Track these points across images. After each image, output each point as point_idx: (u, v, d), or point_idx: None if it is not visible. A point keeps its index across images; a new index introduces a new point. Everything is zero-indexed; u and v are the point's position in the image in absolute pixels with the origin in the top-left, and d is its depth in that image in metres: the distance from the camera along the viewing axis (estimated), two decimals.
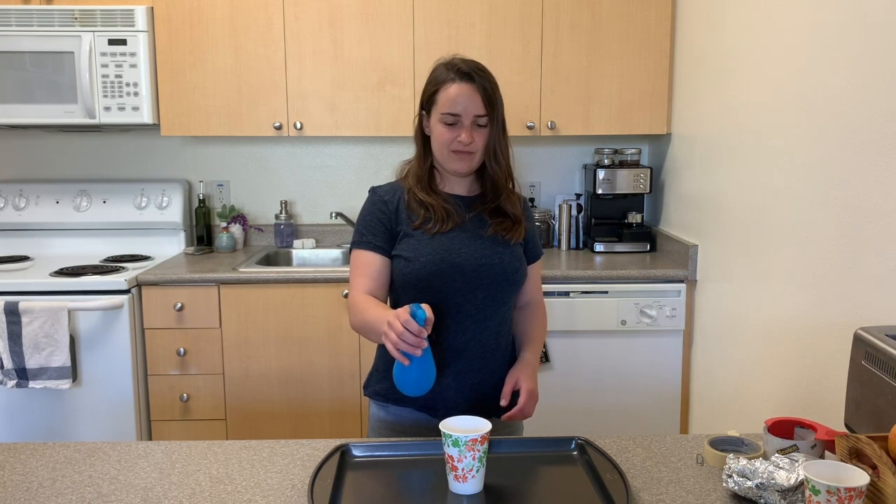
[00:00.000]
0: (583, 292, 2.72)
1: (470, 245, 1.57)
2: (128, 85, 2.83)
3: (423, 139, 1.63)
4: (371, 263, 1.57)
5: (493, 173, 1.61)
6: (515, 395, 1.59)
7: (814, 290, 1.82)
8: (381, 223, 1.59)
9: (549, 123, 2.96)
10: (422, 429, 1.59)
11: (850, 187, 1.66)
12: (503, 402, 1.57)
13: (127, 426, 2.69)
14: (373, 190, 1.65)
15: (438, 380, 1.55)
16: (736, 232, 2.31)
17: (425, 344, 1.31)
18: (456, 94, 1.52)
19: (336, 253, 3.22)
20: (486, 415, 1.59)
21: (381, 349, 1.67)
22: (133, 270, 2.78)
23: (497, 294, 1.58)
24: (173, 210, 3.18)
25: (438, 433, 1.17)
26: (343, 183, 3.35)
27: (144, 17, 2.81)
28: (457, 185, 1.64)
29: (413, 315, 1.30)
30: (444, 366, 1.56)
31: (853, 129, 1.64)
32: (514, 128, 2.97)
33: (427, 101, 1.59)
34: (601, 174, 3.05)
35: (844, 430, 1.25)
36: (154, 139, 3.30)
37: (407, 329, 1.29)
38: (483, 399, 1.59)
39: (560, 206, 3.20)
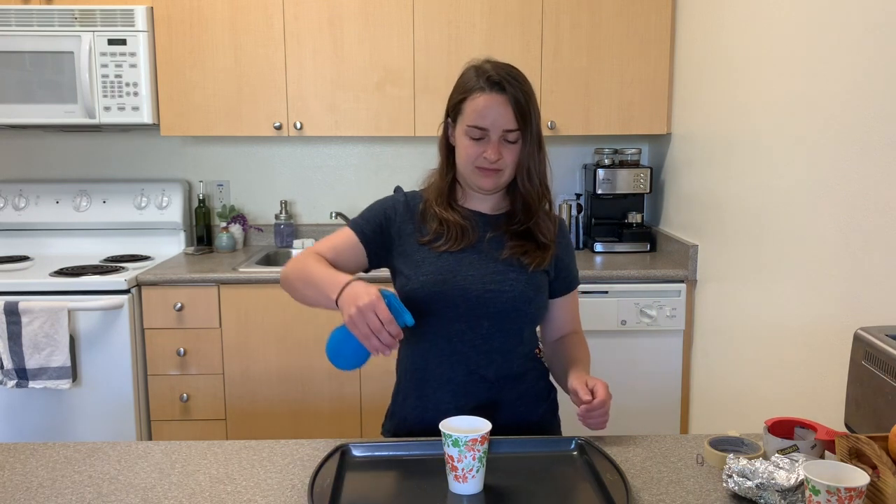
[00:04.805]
0: (583, 292, 2.71)
1: (479, 268, 1.42)
2: (128, 85, 2.83)
3: (447, 150, 1.48)
4: (347, 240, 1.47)
5: (526, 193, 1.45)
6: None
7: (814, 290, 1.82)
8: (382, 218, 1.48)
9: (549, 123, 2.96)
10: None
11: (850, 187, 1.66)
12: (586, 398, 1.32)
13: (127, 426, 2.69)
14: (398, 189, 1.56)
15: (443, 416, 1.41)
16: (736, 232, 2.31)
17: (397, 346, 1.27)
18: (484, 106, 1.37)
19: None
20: None
21: (395, 390, 1.54)
22: (133, 270, 2.77)
23: (506, 325, 1.43)
24: (173, 210, 3.18)
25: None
26: (343, 183, 3.35)
27: (144, 17, 2.81)
28: (480, 201, 1.49)
29: (391, 308, 1.25)
30: (447, 402, 1.43)
31: (853, 128, 1.64)
32: None
33: (453, 110, 1.44)
34: (601, 174, 3.05)
35: (844, 430, 1.25)
36: (154, 139, 3.30)
37: (385, 329, 1.23)
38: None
39: (560, 206, 3.20)
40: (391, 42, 2.91)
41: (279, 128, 2.94)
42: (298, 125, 2.94)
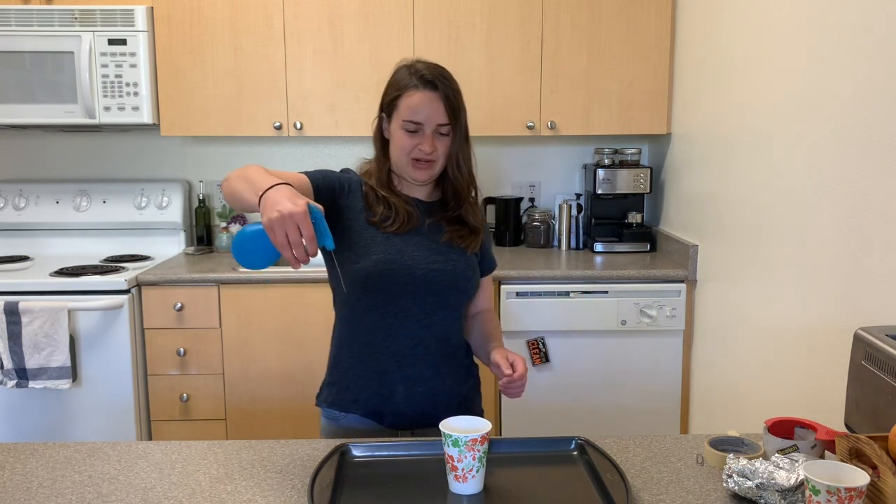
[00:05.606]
0: (583, 292, 2.71)
1: (424, 249, 1.54)
2: (128, 85, 2.83)
3: (381, 142, 1.59)
4: (299, 179, 1.47)
5: (455, 182, 1.58)
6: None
7: (814, 290, 1.82)
8: (337, 184, 1.54)
9: (549, 123, 2.96)
10: (374, 433, 1.55)
11: (850, 187, 1.66)
12: (507, 372, 1.48)
13: (127, 426, 2.69)
14: (347, 170, 1.63)
15: (388, 385, 1.53)
16: (736, 232, 2.31)
17: (308, 262, 1.26)
18: (418, 103, 1.48)
19: None
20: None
21: (333, 362, 1.62)
22: (133, 270, 2.78)
23: (447, 301, 1.55)
24: (173, 210, 3.18)
25: (389, 437, 1.15)
26: None
27: (144, 16, 2.81)
28: (416, 189, 1.61)
29: (315, 225, 1.22)
30: (392, 372, 1.54)
31: (853, 128, 1.64)
32: (514, 128, 2.98)
33: (388, 106, 1.54)
34: (601, 174, 3.05)
35: (844, 430, 1.25)
36: (154, 139, 3.30)
37: (304, 245, 1.22)
38: (436, 408, 1.55)
39: (560, 206, 3.20)
40: (391, 42, 2.91)
41: (279, 128, 2.94)
42: (298, 125, 2.94)
